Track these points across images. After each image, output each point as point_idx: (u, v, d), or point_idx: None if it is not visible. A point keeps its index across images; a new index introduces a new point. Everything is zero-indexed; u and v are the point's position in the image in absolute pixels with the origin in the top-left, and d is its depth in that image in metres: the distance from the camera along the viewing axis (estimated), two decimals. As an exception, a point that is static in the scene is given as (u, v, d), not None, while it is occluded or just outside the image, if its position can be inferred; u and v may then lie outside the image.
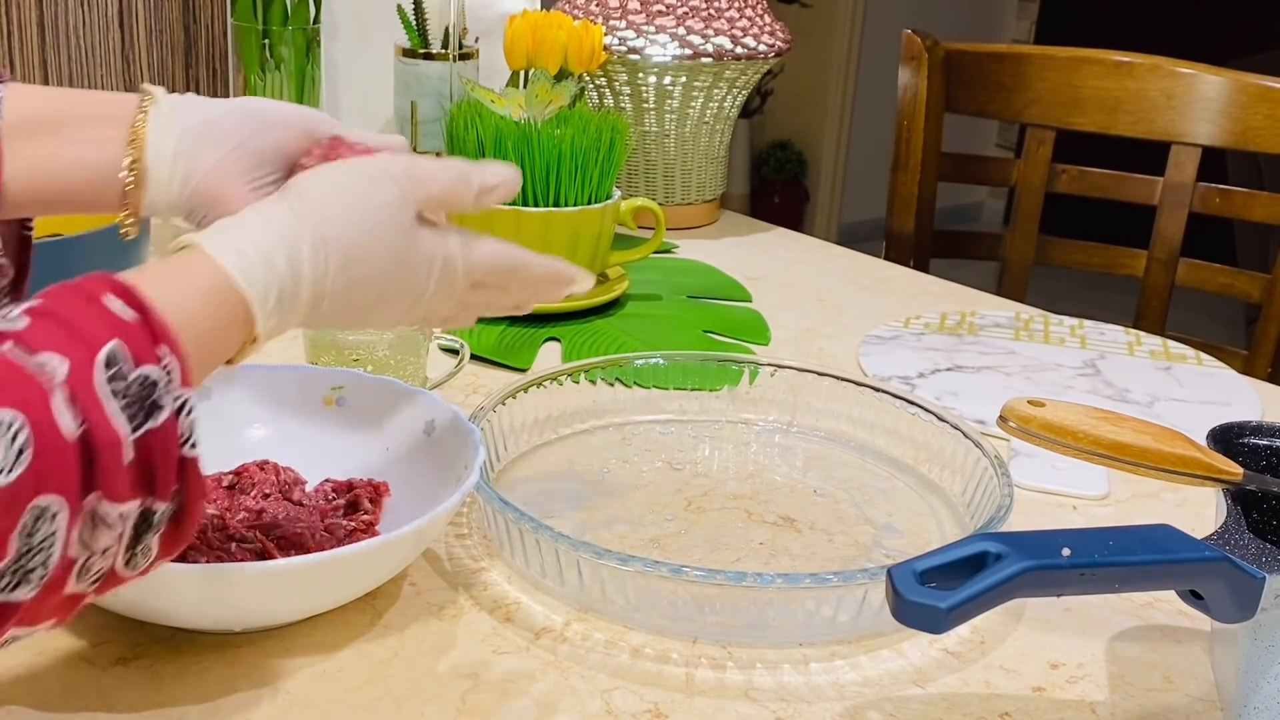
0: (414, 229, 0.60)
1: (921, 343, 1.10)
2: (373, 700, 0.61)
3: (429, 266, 0.61)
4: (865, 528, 0.80)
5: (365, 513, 0.73)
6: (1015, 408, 0.64)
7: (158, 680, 0.61)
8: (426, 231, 0.61)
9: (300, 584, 0.62)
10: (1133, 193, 1.45)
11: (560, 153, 1.06)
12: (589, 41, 1.22)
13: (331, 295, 0.58)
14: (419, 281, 0.61)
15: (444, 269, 0.61)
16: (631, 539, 0.76)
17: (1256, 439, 0.68)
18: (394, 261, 0.59)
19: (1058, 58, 1.45)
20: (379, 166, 0.60)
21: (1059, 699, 0.64)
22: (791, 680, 0.64)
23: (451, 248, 0.61)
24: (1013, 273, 1.51)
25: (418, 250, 0.60)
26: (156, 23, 1.35)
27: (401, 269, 0.60)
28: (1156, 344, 1.14)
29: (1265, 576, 0.55)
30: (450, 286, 0.62)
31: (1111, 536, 0.55)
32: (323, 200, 0.58)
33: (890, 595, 0.53)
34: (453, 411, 0.75)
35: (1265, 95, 1.34)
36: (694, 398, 0.93)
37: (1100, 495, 0.85)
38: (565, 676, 0.64)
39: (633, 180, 1.41)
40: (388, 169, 0.60)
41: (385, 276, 0.59)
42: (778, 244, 1.41)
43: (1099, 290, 2.30)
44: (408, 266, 0.60)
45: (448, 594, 0.70)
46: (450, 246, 0.61)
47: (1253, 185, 1.47)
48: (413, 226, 0.60)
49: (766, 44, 1.36)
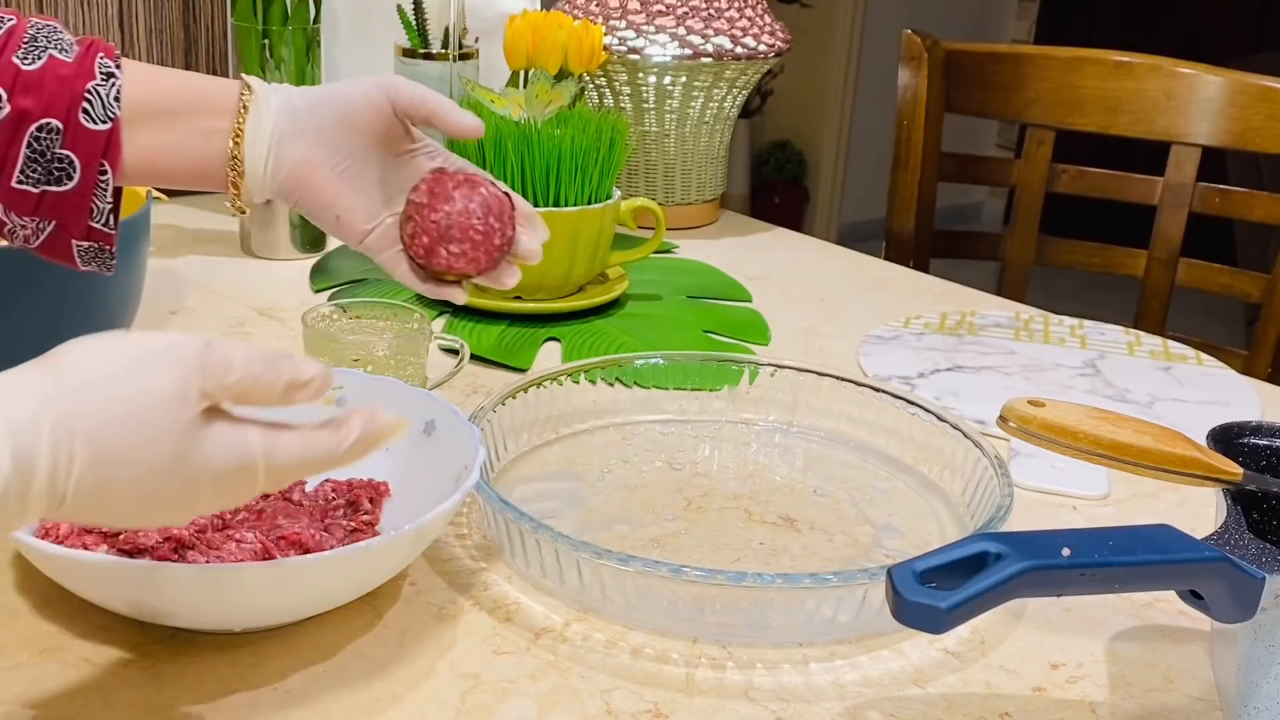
0: (196, 429, 0.50)
1: (921, 343, 1.10)
2: (373, 700, 0.61)
3: (214, 474, 0.51)
4: (865, 528, 0.80)
5: (365, 513, 0.73)
6: (1015, 408, 0.64)
7: (158, 680, 0.61)
8: (219, 429, 0.51)
9: (300, 584, 0.62)
10: (1133, 193, 1.45)
11: (560, 153, 1.06)
12: (589, 41, 1.22)
13: (76, 496, 0.49)
14: (199, 489, 0.51)
15: (236, 476, 0.52)
16: (631, 539, 0.76)
17: (1256, 439, 0.68)
18: (164, 468, 0.50)
19: (1058, 58, 1.45)
20: (167, 348, 0.50)
21: (1059, 699, 0.64)
22: (791, 680, 0.64)
23: (249, 451, 0.52)
24: (1013, 273, 1.51)
25: (199, 454, 0.50)
26: (156, 23, 1.35)
27: (174, 476, 0.50)
28: (1156, 344, 1.14)
29: (1265, 576, 0.55)
30: (245, 492, 0.53)
31: (1111, 536, 0.55)
32: (83, 384, 0.49)
33: (890, 595, 0.53)
34: (453, 411, 0.75)
35: (1265, 95, 1.34)
36: (694, 398, 0.93)
37: (1100, 495, 0.85)
38: (565, 676, 0.64)
39: (633, 180, 1.41)
40: (179, 353, 0.50)
41: (152, 482, 0.50)
42: (778, 244, 1.41)
43: (1099, 290, 2.30)
44: (184, 473, 0.50)
45: (448, 594, 0.70)
46: (247, 449, 0.52)
47: (1253, 185, 1.47)
48: (194, 425, 0.50)
49: (766, 44, 1.36)
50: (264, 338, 1.04)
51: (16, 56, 0.66)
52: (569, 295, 1.12)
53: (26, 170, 0.67)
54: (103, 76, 0.68)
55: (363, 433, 0.55)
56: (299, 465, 0.53)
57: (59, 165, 0.68)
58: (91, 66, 0.68)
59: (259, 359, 0.52)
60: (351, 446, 0.55)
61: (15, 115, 0.66)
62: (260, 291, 1.15)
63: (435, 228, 0.71)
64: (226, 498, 0.53)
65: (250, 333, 1.05)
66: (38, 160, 0.67)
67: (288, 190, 0.72)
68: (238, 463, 0.51)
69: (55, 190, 0.68)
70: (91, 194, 0.69)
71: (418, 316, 0.91)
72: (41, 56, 0.67)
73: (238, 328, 1.06)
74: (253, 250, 1.24)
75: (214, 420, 0.51)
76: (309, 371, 0.53)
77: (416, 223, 0.72)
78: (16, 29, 0.67)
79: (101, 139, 0.68)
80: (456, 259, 0.72)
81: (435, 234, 0.71)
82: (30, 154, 0.67)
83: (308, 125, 0.71)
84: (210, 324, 1.06)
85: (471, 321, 1.08)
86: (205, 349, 0.51)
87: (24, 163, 0.67)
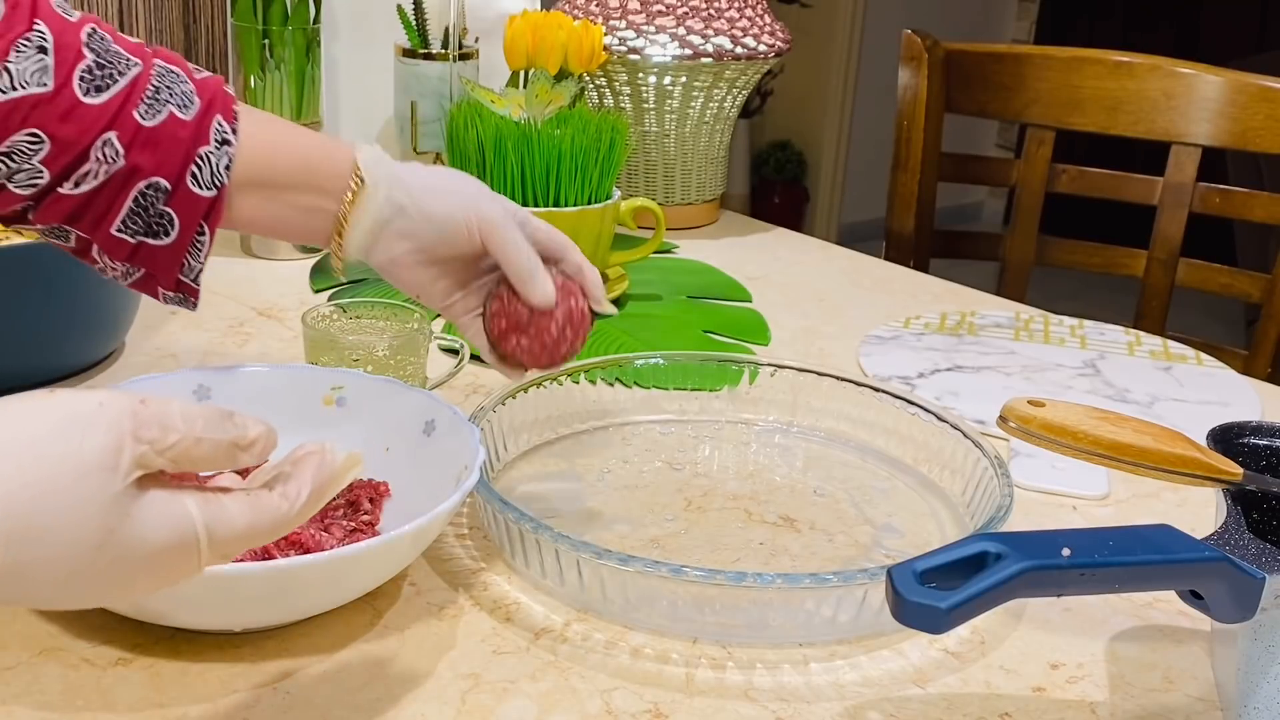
0: (127, 500, 0.45)
1: (921, 343, 1.10)
2: (373, 700, 0.61)
3: (148, 551, 0.46)
4: (865, 528, 0.80)
5: (365, 513, 0.73)
6: (1015, 408, 0.64)
7: (158, 680, 0.61)
8: (153, 500, 0.46)
9: (300, 584, 0.62)
10: (1133, 193, 1.45)
11: (560, 153, 1.06)
12: (589, 41, 1.22)
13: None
14: (132, 569, 0.46)
15: (174, 554, 0.46)
16: (631, 539, 0.76)
17: (1256, 439, 0.68)
18: (91, 544, 0.44)
19: (1058, 58, 1.45)
20: (96, 408, 0.45)
21: (1059, 699, 0.64)
22: (791, 680, 0.64)
23: (188, 525, 0.46)
24: (1013, 273, 1.51)
25: (131, 529, 0.45)
26: (156, 23, 1.35)
27: (102, 553, 0.44)
28: (1156, 344, 1.14)
29: (1265, 576, 0.55)
30: (186, 569, 0.47)
31: (1111, 536, 0.55)
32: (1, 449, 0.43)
33: (890, 595, 0.53)
34: (453, 411, 0.75)
35: (1265, 95, 1.34)
36: (694, 398, 0.93)
37: (1100, 495, 0.85)
38: (565, 676, 0.64)
39: (633, 180, 1.41)
40: (109, 413, 0.45)
41: (77, 561, 0.44)
42: (778, 244, 1.41)
43: (1099, 290, 2.30)
44: (113, 551, 0.45)
45: (448, 594, 0.70)
46: (186, 524, 0.46)
47: (1253, 185, 1.47)
48: (125, 496, 0.45)
49: (766, 44, 1.36)
50: (264, 338, 1.04)
51: (138, 111, 0.67)
52: (569, 295, 1.12)
53: (128, 221, 0.68)
54: (217, 143, 0.69)
55: (315, 485, 0.50)
56: (247, 535, 0.48)
57: (159, 221, 0.69)
58: (208, 131, 0.68)
59: (199, 417, 0.47)
60: (306, 504, 0.50)
61: (128, 169, 0.67)
62: (260, 291, 1.15)
63: (516, 317, 0.73)
64: (166, 576, 0.47)
65: (250, 333, 1.05)
66: (140, 214, 0.68)
67: (381, 272, 0.75)
68: (175, 539, 0.46)
69: (151, 243, 0.69)
70: (186, 251, 0.70)
71: (418, 316, 0.91)
72: (162, 112, 0.67)
73: (238, 328, 1.06)
74: (253, 250, 1.24)
75: (148, 489, 0.46)
76: (254, 431, 0.48)
77: (502, 304, 0.74)
78: (141, 79, 0.67)
79: (205, 204, 0.69)
80: (524, 352, 0.74)
81: (513, 323, 0.73)
82: (135, 207, 0.68)
83: (407, 233, 0.73)
84: (210, 324, 1.06)
85: (471, 321, 1.08)
86: (139, 408, 0.45)
87: (127, 214, 0.68)
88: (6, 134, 0.64)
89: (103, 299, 0.93)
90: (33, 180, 0.66)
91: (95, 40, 0.67)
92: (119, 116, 0.66)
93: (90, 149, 0.66)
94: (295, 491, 0.49)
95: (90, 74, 0.66)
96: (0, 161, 0.65)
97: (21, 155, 0.65)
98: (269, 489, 0.49)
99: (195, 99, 0.69)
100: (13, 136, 0.64)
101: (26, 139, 0.65)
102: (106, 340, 0.96)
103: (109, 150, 0.66)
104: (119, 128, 0.66)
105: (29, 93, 0.64)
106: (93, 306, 0.93)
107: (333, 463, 0.51)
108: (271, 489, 0.49)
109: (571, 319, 0.74)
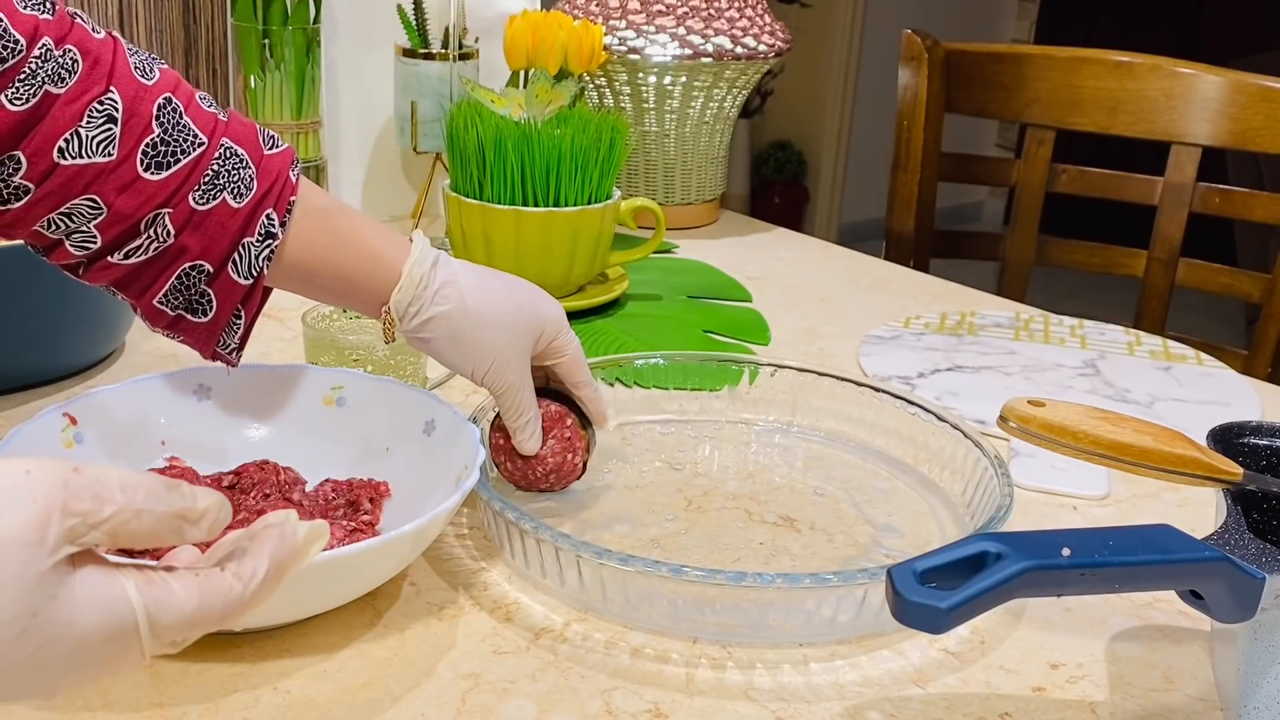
0: (55, 580, 0.40)
1: (921, 343, 1.10)
2: (373, 700, 0.61)
3: (78, 639, 0.41)
4: (865, 528, 0.80)
5: (365, 513, 0.73)
6: (1015, 408, 0.64)
7: (158, 680, 0.61)
8: (86, 579, 0.41)
9: (300, 584, 0.62)
10: (1133, 193, 1.45)
11: (560, 153, 1.06)
12: (589, 41, 1.22)
13: None
14: (61, 658, 0.41)
15: (110, 642, 0.41)
16: (631, 539, 0.76)
17: (1256, 439, 0.68)
18: (11, 630, 0.39)
19: (1058, 58, 1.45)
20: (23, 478, 0.40)
21: (1059, 699, 0.64)
22: (791, 680, 0.64)
23: (124, 610, 0.41)
24: (1013, 273, 1.51)
25: (59, 614, 0.40)
26: (156, 23, 1.35)
27: (25, 640, 0.40)
28: (1156, 344, 1.14)
29: (1265, 576, 0.55)
30: (125, 660, 0.42)
31: (1111, 536, 0.55)
32: None
33: (890, 595, 0.53)
34: (453, 411, 0.75)
35: (1265, 95, 1.34)
36: (694, 398, 0.93)
37: (1100, 495, 0.85)
38: (565, 676, 0.64)
39: (633, 180, 1.41)
40: (35, 484, 0.40)
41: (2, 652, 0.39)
42: (778, 244, 1.41)
43: (1099, 290, 2.30)
44: (39, 637, 0.40)
45: (448, 594, 0.70)
46: (122, 608, 0.41)
47: (1253, 185, 1.47)
48: (53, 576, 0.40)
49: (766, 44, 1.36)
50: (264, 338, 1.04)
51: (194, 195, 0.67)
52: (569, 295, 1.12)
53: (169, 295, 0.69)
54: (260, 236, 0.69)
55: (274, 563, 0.45)
56: (195, 621, 0.43)
57: (199, 300, 0.70)
58: (257, 222, 0.69)
59: (139, 487, 0.42)
60: (262, 585, 0.45)
61: (177, 248, 0.68)
62: (260, 291, 1.15)
63: (513, 445, 0.77)
64: (103, 668, 0.42)
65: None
66: (182, 291, 0.69)
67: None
68: (111, 626, 0.41)
69: (189, 318, 0.71)
70: (222, 330, 0.71)
71: (418, 316, 0.91)
72: (216, 198, 0.68)
73: (238, 328, 1.06)
74: (253, 250, 1.24)
75: (81, 567, 0.41)
76: (203, 502, 0.43)
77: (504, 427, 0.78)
78: (203, 161, 0.67)
79: (242, 290, 0.70)
80: (509, 474, 0.79)
81: (510, 448, 0.78)
82: (177, 284, 0.69)
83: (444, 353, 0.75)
84: (210, 324, 1.06)
85: (471, 321, 1.08)
86: (71, 477, 0.40)
87: (169, 290, 0.69)
88: (70, 196, 0.65)
89: (103, 299, 0.93)
90: (86, 243, 0.67)
91: (165, 113, 0.67)
92: (175, 196, 0.67)
93: (142, 223, 0.67)
94: (250, 571, 0.44)
95: (154, 149, 0.66)
96: (61, 219, 0.66)
97: (80, 217, 0.66)
98: (221, 568, 0.44)
99: (254, 184, 0.69)
100: (74, 199, 0.65)
101: (86, 203, 0.66)
102: (106, 340, 0.97)
103: (160, 228, 0.67)
104: (173, 206, 0.67)
105: (94, 161, 0.65)
106: (93, 306, 0.93)
107: (294, 537, 0.46)
108: (224, 568, 0.44)
109: (561, 470, 0.78)
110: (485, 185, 1.07)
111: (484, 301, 0.74)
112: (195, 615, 0.43)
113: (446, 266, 0.74)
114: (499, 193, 1.07)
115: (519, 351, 0.75)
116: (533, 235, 1.07)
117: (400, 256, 0.72)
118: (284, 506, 0.72)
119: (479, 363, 0.74)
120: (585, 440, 0.79)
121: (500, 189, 1.07)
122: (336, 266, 0.72)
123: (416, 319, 0.73)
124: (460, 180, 1.09)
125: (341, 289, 0.73)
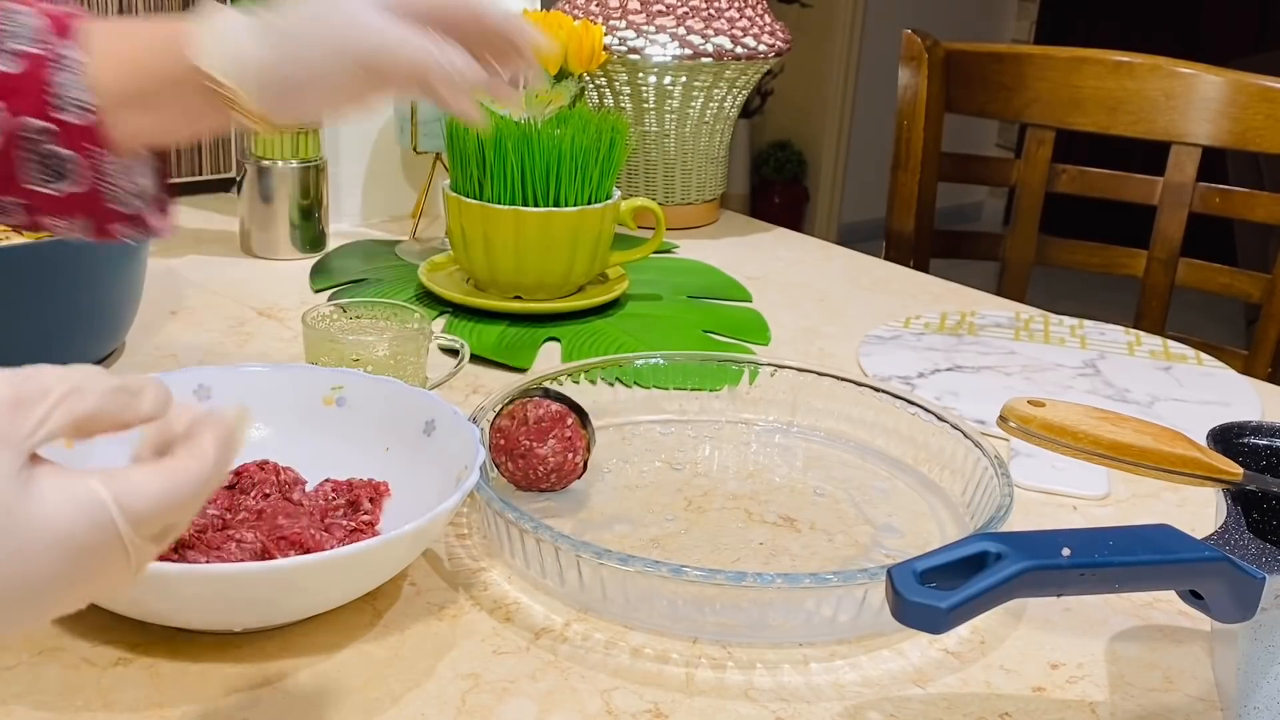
0: (24, 476, 0.40)
1: (921, 343, 1.10)
2: (373, 700, 0.61)
3: (57, 538, 0.40)
4: (865, 528, 0.80)
5: (365, 513, 0.73)
6: (1015, 408, 0.64)
7: (158, 680, 0.61)
8: (51, 477, 0.41)
9: (300, 584, 0.62)
10: (1133, 193, 1.45)
11: (560, 153, 1.06)
12: (589, 41, 1.22)
13: None
14: (41, 564, 0.40)
15: (89, 538, 0.41)
16: (631, 539, 0.76)
17: (1256, 439, 0.68)
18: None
19: (1058, 58, 1.45)
20: None
21: (1059, 699, 0.64)
22: (791, 680, 0.64)
23: (95, 500, 0.41)
24: (1013, 273, 1.51)
25: (35, 505, 0.40)
26: (156, 23, 1.35)
27: (9, 538, 0.39)
28: (1156, 344, 1.14)
29: (1265, 576, 0.55)
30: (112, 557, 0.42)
31: (1111, 536, 0.55)
32: None
33: (890, 595, 0.53)
34: (453, 411, 0.75)
35: (1265, 95, 1.34)
36: (694, 398, 0.93)
37: (1100, 495, 0.85)
38: (565, 676, 0.64)
39: (633, 180, 1.41)
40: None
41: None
42: (778, 244, 1.41)
43: (1099, 290, 2.30)
44: (15, 540, 0.39)
45: (448, 594, 0.70)
46: (93, 499, 0.41)
47: (1253, 185, 1.47)
48: (21, 474, 0.40)
49: (766, 44, 1.36)
50: (264, 338, 1.04)
51: None
52: (569, 295, 1.12)
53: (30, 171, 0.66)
54: (63, 68, 0.64)
55: (219, 440, 0.45)
56: (166, 503, 0.43)
57: (57, 163, 0.66)
58: (54, 60, 0.64)
59: (75, 370, 0.42)
60: (217, 460, 0.44)
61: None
62: (260, 291, 1.15)
63: (513, 445, 0.79)
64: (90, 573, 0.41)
65: (250, 333, 1.05)
66: (36, 159, 0.65)
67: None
68: (85, 517, 0.40)
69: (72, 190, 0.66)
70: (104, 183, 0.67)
71: (418, 316, 0.91)
72: (7, 48, 0.64)
73: (238, 328, 1.06)
74: (253, 250, 1.24)
75: (43, 473, 0.40)
76: (137, 380, 0.44)
77: (505, 428, 0.79)
78: None
79: (89, 131, 0.65)
80: (509, 474, 0.80)
81: (509, 449, 0.79)
82: (25, 155, 0.65)
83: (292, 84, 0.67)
84: (210, 324, 1.06)
85: (471, 321, 1.08)
86: (10, 375, 0.41)
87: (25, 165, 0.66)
88: None
89: (103, 299, 0.93)
90: None
91: None
92: None
93: None
94: (200, 450, 0.44)
95: None
96: None
97: None
98: (172, 455, 0.44)
99: (35, 25, 0.64)
100: None
101: None
102: (106, 340, 0.96)
103: None
104: None
105: None
106: (93, 306, 0.93)
107: (223, 417, 0.45)
108: (174, 454, 0.44)
109: (561, 470, 0.79)
110: (485, 185, 1.07)
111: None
112: (164, 497, 0.43)
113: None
114: (499, 193, 1.07)
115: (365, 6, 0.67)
116: (533, 235, 1.07)
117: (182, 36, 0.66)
118: (284, 506, 0.72)
119: (336, 51, 0.66)
120: (585, 440, 0.79)
121: (500, 189, 1.07)
122: (151, 67, 0.66)
123: (247, 78, 0.65)
124: (460, 180, 1.09)
125: (155, 89, 0.66)
